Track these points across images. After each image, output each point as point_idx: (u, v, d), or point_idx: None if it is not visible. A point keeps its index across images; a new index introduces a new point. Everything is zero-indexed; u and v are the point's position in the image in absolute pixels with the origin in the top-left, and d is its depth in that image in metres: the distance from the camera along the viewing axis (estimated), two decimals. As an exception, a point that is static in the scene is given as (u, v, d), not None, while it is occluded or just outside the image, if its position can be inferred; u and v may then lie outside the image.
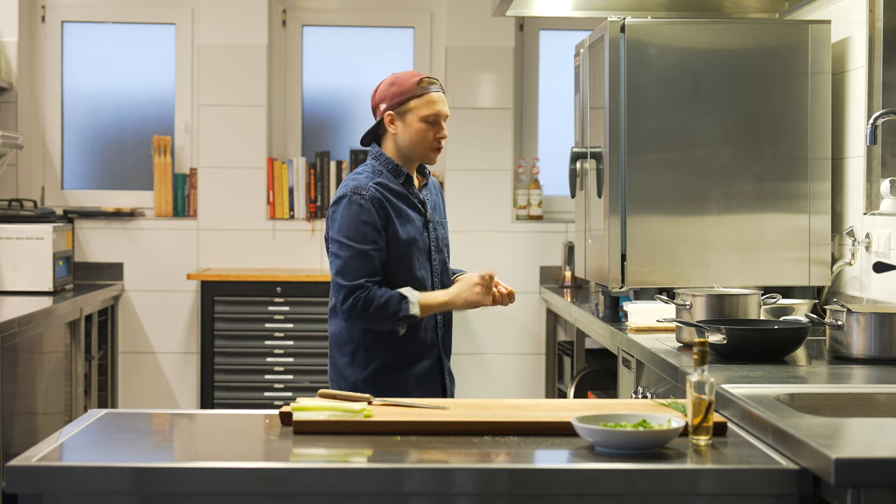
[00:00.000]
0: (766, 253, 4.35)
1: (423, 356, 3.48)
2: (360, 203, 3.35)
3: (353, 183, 3.40)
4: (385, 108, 3.44)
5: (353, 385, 3.44)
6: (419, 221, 3.46)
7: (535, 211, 6.32)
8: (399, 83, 3.44)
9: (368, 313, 3.32)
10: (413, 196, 3.48)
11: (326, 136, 6.46)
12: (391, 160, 3.46)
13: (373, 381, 3.42)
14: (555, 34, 6.44)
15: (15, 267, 5.51)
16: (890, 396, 2.77)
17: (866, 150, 4.16)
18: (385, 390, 3.32)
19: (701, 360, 2.39)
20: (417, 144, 3.44)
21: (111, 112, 6.39)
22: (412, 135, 3.43)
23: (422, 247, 3.46)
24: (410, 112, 3.43)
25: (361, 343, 3.44)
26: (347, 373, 3.45)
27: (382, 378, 3.43)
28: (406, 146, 3.45)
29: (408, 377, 3.45)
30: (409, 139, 3.44)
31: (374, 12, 6.42)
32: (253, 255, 6.26)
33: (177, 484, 2.19)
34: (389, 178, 3.45)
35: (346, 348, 3.46)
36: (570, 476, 2.21)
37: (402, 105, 3.42)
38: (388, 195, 3.41)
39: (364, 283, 3.32)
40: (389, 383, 3.42)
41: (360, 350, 3.44)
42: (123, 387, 6.22)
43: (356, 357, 3.44)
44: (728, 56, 4.36)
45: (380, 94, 3.47)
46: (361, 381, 3.43)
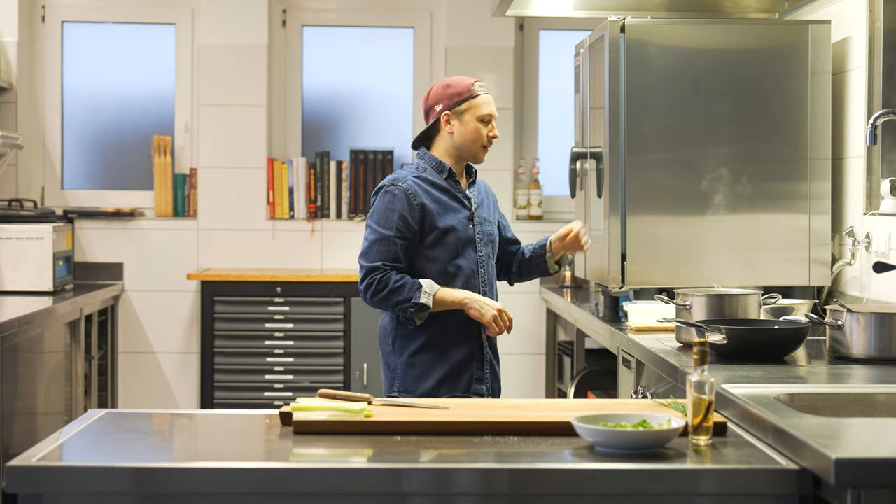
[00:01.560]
0: (766, 253, 4.35)
1: (460, 343, 3.60)
2: (394, 193, 3.56)
3: (393, 176, 3.63)
4: (442, 108, 3.61)
5: (393, 372, 3.60)
6: (463, 214, 3.63)
7: (535, 211, 6.32)
8: (455, 85, 3.62)
9: (382, 294, 3.49)
10: (457, 191, 3.65)
11: (326, 136, 6.46)
12: (435, 158, 3.65)
13: (409, 364, 3.58)
14: (555, 34, 6.44)
15: (15, 267, 5.51)
16: (890, 396, 2.77)
17: (866, 150, 4.16)
18: (422, 375, 3.54)
19: (701, 360, 2.39)
20: (471, 142, 3.61)
21: (111, 112, 6.39)
22: (468, 133, 3.60)
23: (464, 238, 3.62)
24: (467, 112, 3.60)
25: (400, 330, 3.60)
26: (391, 361, 3.63)
27: (419, 362, 3.58)
28: (460, 144, 3.62)
29: (443, 362, 3.58)
30: (464, 137, 3.61)
31: (374, 12, 6.42)
32: (253, 255, 6.26)
33: (177, 484, 2.19)
34: (433, 174, 3.64)
35: (388, 337, 3.63)
36: (570, 476, 2.21)
37: (459, 105, 3.60)
38: (429, 188, 3.60)
39: (381, 266, 3.52)
40: (426, 367, 3.57)
41: (398, 337, 3.61)
42: (123, 387, 6.22)
43: (395, 344, 3.61)
44: (728, 56, 4.36)
45: (435, 95, 3.63)
46: (401, 365, 3.59)
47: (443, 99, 3.60)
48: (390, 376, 3.62)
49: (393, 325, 3.62)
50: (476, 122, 3.60)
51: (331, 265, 6.27)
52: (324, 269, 6.23)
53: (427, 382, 3.56)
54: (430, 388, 3.55)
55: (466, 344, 3.61)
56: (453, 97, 3.59)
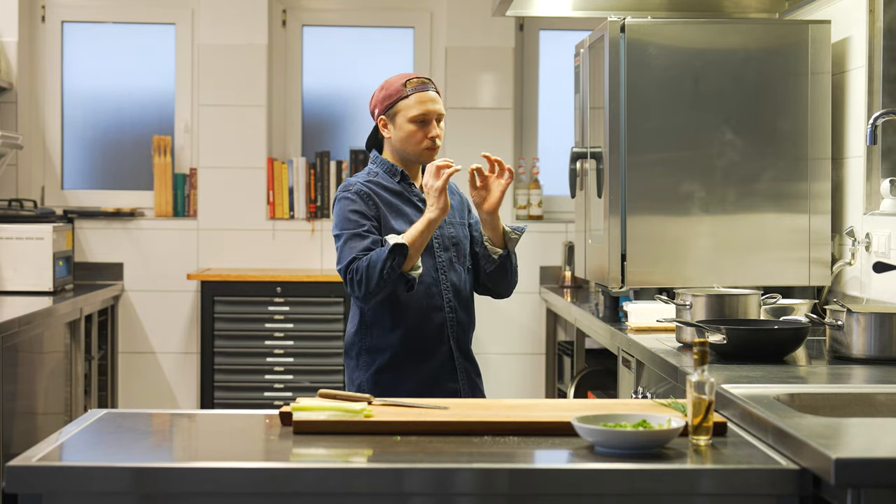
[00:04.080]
0: (766, 253, 4.35)
1: (430, 355, 3.45)
2: (348, 196, 3.42)
3: (344, 183, 3.50)
4: (378, 112, 3.49)
5: (356, 387, 3.46)
6: (417, 217, 3.43)
7: (535, 211, 6.32)
8: (387, 87, 3.47)
9: (366, 276, 3.28)
10: (411, 194, 3.50)
11: (326, 136, 6.46)
12: (387, 161, 3.51)
13: (374, 382, 3.44)
14: (555, 34, 6.44)
15: (15, 267, 5.51)
16: (890, 396, 2.77)
17: (866, 150, 4.16)
18: (387, 391, 3.34)
19: (701, 360, 2.39)
20: (409, 145, 3.45)
21: (111, 112, 6.39)
22: (403, 136, 3.45)
23: None
24: (399, 114, 3.44)
25: (364, 344, 3.47)
26: (354, 376, 3.49)
27: (383, 378, 3.43)
28: (399, 148, 3.48)
29: (410, 377, 3.43)
30: (400, 141, 3.46)
31: (374, 12, 6.42)
32: (253, 255, 6.26)
33: (177, 484, 2.19)
34: (385, 177, 3.49)
35: (353, 351, 3.50)
36: (570, 476, 2.21)
37: (391, 108, 3.45)
38: (380, 191, 3.45)
39: (355, 256, 3.32)
40: (391, 383, 3.42)
41: (363, 352, 3.47)
42: (123, 387, 6.22)
43: (360, 359, 3.48)
44: (728, 56, 4.36)
45: (374, 100, 3.52)
46: (364, 381, 3.46)
47: (377, 103, 3.48)
48: (354, 389, 3.46)
49: (357, 338, 3.47)
50: (409, 125, 3.43)
51: (331, 265, 6.27)
52: (324, 269, 6.23)
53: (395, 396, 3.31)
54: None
55: (435, 356, 3.45)
56: (384, 100, 3.45)
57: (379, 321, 3.45)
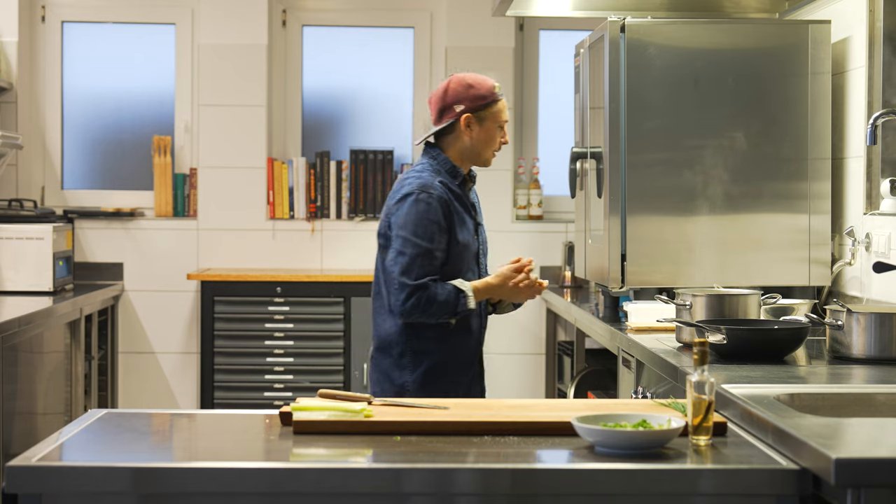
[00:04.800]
0: (766, 253, 4.35)
1: (471, 360, 3.53)
2: (428, 202, 3.38)
3: (419, 181, 3.42)
4: (463, 109, 3.45)
5: (399, 387, 3.44)
6: (471, 225, 3.51)
7: (535, 211, 6.32)
8: (478, 86, 3.46)
9: (429, 311, 3.36)
10: (466, 199, 3.53)
11: (326, 136, 6.46)
12: (449, 161, 3.49)
13: (421, 383, 3.43)
14: (555, 34, 6.43)
15: (15, 267, 5.51)
16: (890, 396, 2.77)
17: (866, 150, 4.16)
18: (434, 393, 3.36)
19: (701, 360, 2.39)
20: (487, 148, 3.50)
21: (111, 112, 6.39)
22: (487, 138, 3.48)
23: (472, 250, 3.52)
24: (489, 117, 3.47)
25: (409, 345, 3.46)
26: (394, 375, 3.47)
27: (432, 381, 3.44)
28: (476, 148, 3.49)
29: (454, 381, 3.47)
30: (482, 142, 3.49)
31: (374, 12, 6.42)
32: (253, 255, 6.26)
33: (177, 484, 2.19)
34: (447, 178, 3.48)
35: (394, 350, 3.47)
36: (570, 476, 2.21)
37: (482, 109, 3.45)
38: (452, 198, 3.45)
39: (427, 283, 3.35)
40: (438, 386, 3.44)
41: (409, 352, 3.46)
42: (123, 387, 6.22)
43: (403, 359, 3.46)
44: (728, 56, 4.36)
45: (455, 94, 3.46)
46: (411, 382, 3.44)
47: (464, 99, 3.44)
48: (394, 391, 3.45)
49: (402, 338, 3.46)
50: (494, 128, 3.49)
51: (331, 265, 6.27)
52: (324, 269, 6.23)
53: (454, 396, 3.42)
54: None
55: (475, 360, 3.57)
56: (476, 99, 3.44)
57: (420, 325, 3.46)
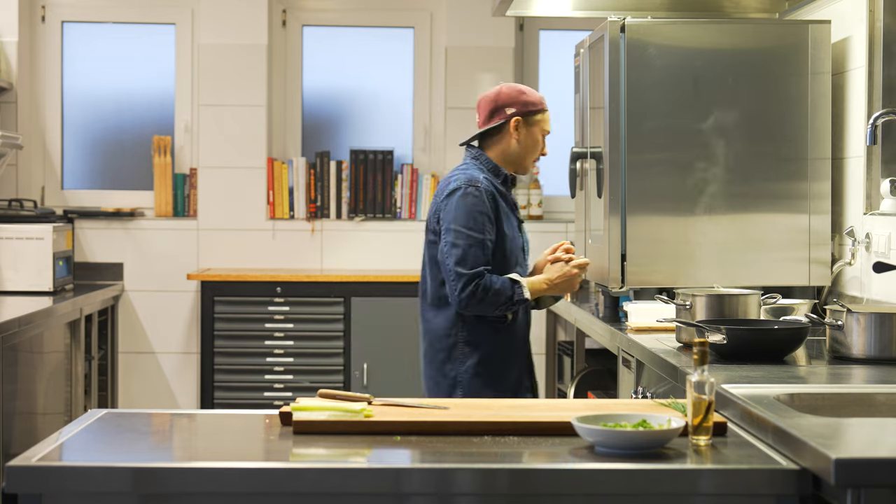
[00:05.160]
0: (766, 253, 4.35)
1: (519, 353, 3.64)
2: (476, 194, 3.51)
3: (465, 176, 3.55)
4: (514, 112, 3.60)
5: (452, 380, 3.54)
6: (515, 222, 3.65)
7: (535, 211, 6.32)
8: (530, 94, 3.62)
9: (485, 300, 3.46)
10: (510, 196, 3.66)
11: (326, 136, 6.46)
12: (492, 161, 3.63)
13: (473, 374, 3.54)
14: (555, 34, 6.43)
15: (15, 267, 5.51)
16: (890, 396, 2.77)
17: (866, 150, 4.16)
18: (484, 385, 3.49)
19: (701, 360, 2.39)
20: (530, 155, 3.64)
21: (111, 112, 6.39)
22: (531, 144, 3.62)
23: (517, 246, 3.66)
24: (537, 124, 3.62)
25: (460, 337, 3.55)
26: (447, 368, 3.56)
27: (483, 372, 3.54)
28: (519, 152, 3.62)
29: (505, 374, 3.56)
30: (525, 147, 3.62)
31: (374, 12, 6.42)
32: (253, 255, 6.26)
33: (177, 484, 2.19)
34: (490, 176, 3.62)
35: (444, 343, 3.57)
36: (570, 476, 2.21)
37: (533, 115, 3.60)
38: (495, 191, 3.59)
39: (482, 271, 3.47)
40: (490, 377, 3.54)
41: (460, 344, 3.55)
42: (123, 387, 6.22)
43: (455, 351, 3.55)
44: (728, 56, 4.36)
45: (507, 97, 3.61)
46: (463, 373, 3.54)
47: (516, 104, 3.59)
48: (447, 384, 3.55)
49: (455, 331, 3.55)
50: (539, 136, 3.63)
51: (331, 265, 6.27)
52: (324, 269, 6.23)
53: (493, 391, 3.53)
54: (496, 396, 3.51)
55: (522, 355, 3.66)
56: (527, 105, 3.59)
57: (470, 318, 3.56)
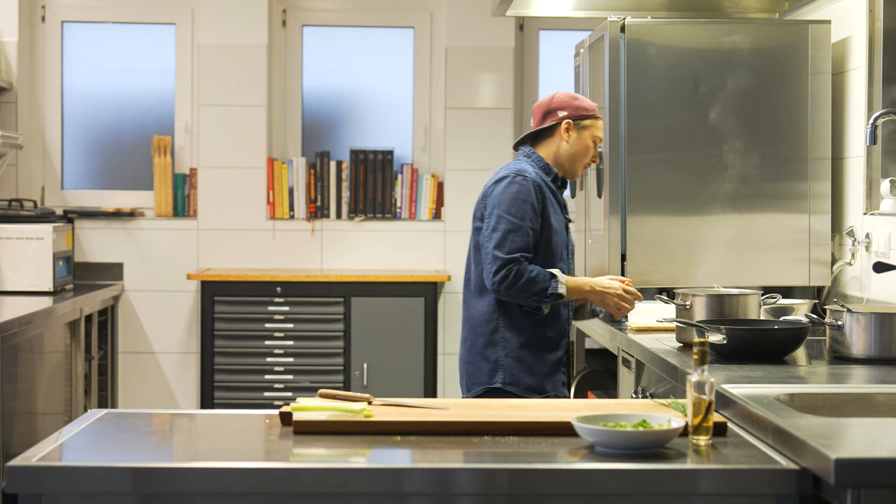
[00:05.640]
0: (766, 253, 4.35)
1: (557, 343, 3.67)
2: (522, 183, 3.58)
3: (516, 167, 3.65)
4: (566, 115, 3.68)
5: (493, 363, 3.59)
6: (562, 219, 3.73)
7: (535, 211, 6.31)
8: (583, 100, 3.71)
9: (518, 286, 3.49)
10: (559, 195, 3.74)
11: (326, 136, 6.46)
12: (543, 159, 3.70)
13: (518, 357, 3.59)
14: (555, 34, 6.44)
15: (15, 267, 5.51)
16: (890, 396, 2.77)
17: (866, 150, 4.16)
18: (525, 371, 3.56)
19: (701, 360, 2.40)
20: (579, 158, 3.70)
21: (111, 112, 6.39)
22: (580, 148, 3.68)
23: (564, 243, 3.71)
24: (587, 129, 3.69)
25: (501, 322, 3.60)
26: (488, 352, 3.62)
27: (524, 357, 3.59)
28: (569, 155, 3.69)
29: (544, 361, 3.61)
30: (575, 150, 3.68)
31: (374, 12, 6.42)
32: (253, 255, 6.26)
33: (177, 484, 2.19)
34: (541, 173, 3.69)
35: (486, 327, 3.62)
36: (570, 476, 2.21)
37: (584, 119, 3.68)
38: (543, 185, 3.66)
39: (519, 258, 3.52)
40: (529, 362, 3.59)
41: (501, 328, 3.61)
42: (123, 387, 6.22)
43: (496, 335, 3.60)
44: (728, 56, 4.36)
45: (560, 101, 3.70)
46: (504, 357, 3.59)
47: (569, 107, 3.67)
48: (489, 367, 3.61)
49: (496, 316, 3.61)
50: (589, 141, 3.69)
51: (331, 265, 6.27)
52: (324, 269, 6.23)
53: (533, 377, 3.59)
54: (536, 383, 3.59)
55: (560, 347, 3.69)
56: (579, 109, 3.67)
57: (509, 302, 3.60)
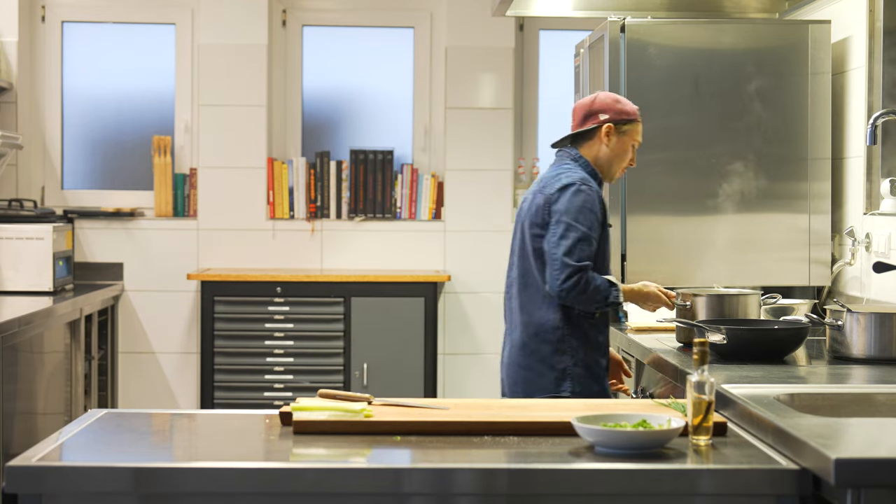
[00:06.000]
0: (766, 253, 4.35)
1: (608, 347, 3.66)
2: (588, 193, 3.55)
3: (577, 175, 3.59)
4: (607, 118, 3.63)
5: (560, 372, 3.55)
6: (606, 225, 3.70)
7: (535, 211, 6.31)
8: (624, 104, 3.66)
9: (585, 294, 3.47)
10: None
11: (326, 136, 6.46)
12: (589, 164, 3.65)
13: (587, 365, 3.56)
14: (555, 34, 6.43)
15: (15, 267, 5.51)
16: (890, 396, 2.77)
17: (866, 150, 4.16)
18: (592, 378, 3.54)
19: (701, 360, 2.40)
20: (618, 162, 3.66)
21: (111, 112, 6.39)
22: (620, 153, 3.64)
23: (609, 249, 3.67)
24: (627, 134, 3.64)
25: (568, 329, 3.56)
26: (554, 360, 3.57)
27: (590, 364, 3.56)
28: (608, 159, 3.64)
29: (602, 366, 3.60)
30: (614, 155, 3.64)
31: (374, 12, 6.42)
32: (253, 255, 6.26)
33: (177, 484, 2.19)
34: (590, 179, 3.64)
35: (552, 335, 3.57)
36: (570, 476, 2.21)
37: (624, 124, 3.62)
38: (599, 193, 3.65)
39: (587, 266, 3.49)
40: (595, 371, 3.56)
41: (568, 336, 3.56)
42: (123, 387, 6.22)
43: (563, 344, 3.56)
44: (728, 56, 4.36)
45: (602, 104, 3.64)
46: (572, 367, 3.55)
47: (610, 111, 3.63)
48: (554, 376, 3.56)
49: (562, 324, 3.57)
50: (630, 147, 3.66)
51: (331, 265, 6.27)
52: (324, 269, 6.23)
53: (598, 383, 3.57)
54: (601, 389, 3.57)
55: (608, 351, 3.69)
56: (621, 113, 3.63)
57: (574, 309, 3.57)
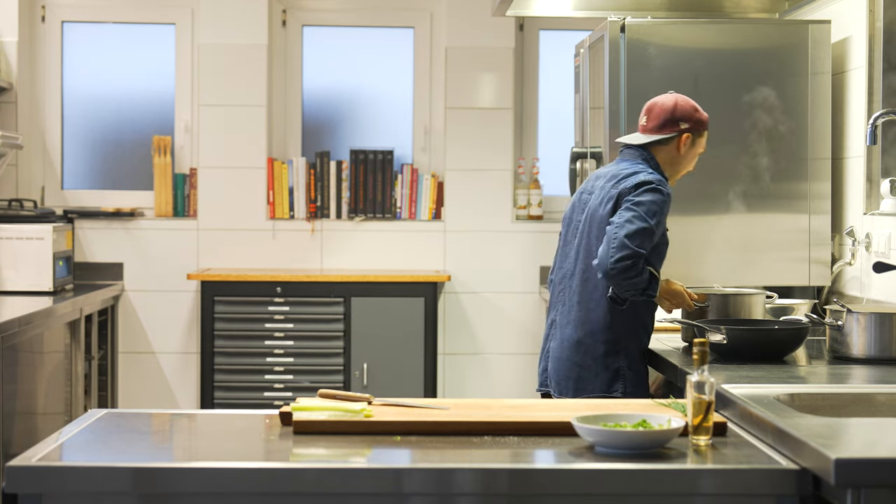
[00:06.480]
0: (766, 253, 4.36)
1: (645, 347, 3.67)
2: (664, 195, 3.57)
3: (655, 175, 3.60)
4: (688, 127, 3.67)
5: (614, 372, 3.55)
6: None
7: (535, 211, 6.32)
8: (702, 113, 3.71)
9: (632, 279, 3.46)
10: None
11: (326, 136, 6.46)
12: (659, 166, 3.69)
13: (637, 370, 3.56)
14: (555, 34, 6.43)
15: (15, 267, 5.51)
16: (890, 396, 2.77)
17: (866, 150, 4.16)
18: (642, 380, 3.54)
19: (701, 360, 2.40)
20: (684, 168, 3.72)
21: (111, 112, 6.39)
22: (689, 160, 3.70)
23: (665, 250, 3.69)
24: (699, 142, 3.69)
25: (620, 329, 3.57)
26: (608, 361, 3.57)
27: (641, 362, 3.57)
28: (678, 165, 3.69)
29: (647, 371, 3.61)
30: (684, 162, 3.70)
31: (374, 12, 6.42)
32: (253, 255, 6.26)
33: (177, 484, 2.19)
34: None
35: (606, 335, 3.57)
36: (570, 476, 2.21)
37: (700, 133, 3.68)
38: None
39: (643, 254, 3.48)
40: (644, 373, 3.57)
41: (621, 337, 3.57)
42: (123, 387, 6.22)
43: (618, 345, 3.56)
44: (728, 56, 4.36)
45: (684, 111, 3.67)
46: (626, 368, 3.55)
47: (691, 120, 3.66)
48: (608, 376, 3.56)
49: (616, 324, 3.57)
50: (697, 153, 3.71)
51: (331, 265, 6.27)
52: (324, 269, 6.23)
53: (644, 385, 3.57)
54: (649, 389, 3.58)
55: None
56: (700, 123, 3.67)
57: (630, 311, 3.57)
